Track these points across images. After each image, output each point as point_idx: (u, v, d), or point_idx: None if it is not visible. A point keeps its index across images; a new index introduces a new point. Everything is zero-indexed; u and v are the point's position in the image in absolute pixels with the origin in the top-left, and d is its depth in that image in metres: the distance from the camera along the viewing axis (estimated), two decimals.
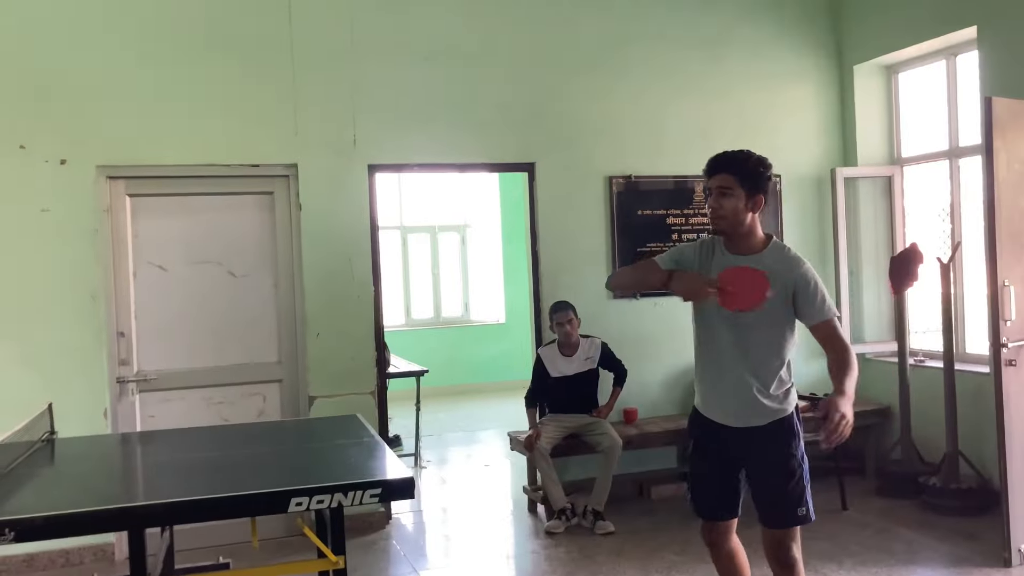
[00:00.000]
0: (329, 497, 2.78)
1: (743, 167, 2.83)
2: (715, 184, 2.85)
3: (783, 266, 2.85)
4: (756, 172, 2.84)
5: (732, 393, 2.90)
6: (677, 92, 5.69)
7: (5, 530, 2.53)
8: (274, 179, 4.95)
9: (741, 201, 2.81)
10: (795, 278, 2.83)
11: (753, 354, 2.87)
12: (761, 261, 2.85)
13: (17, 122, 4.46)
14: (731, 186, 2.81)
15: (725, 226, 2.85)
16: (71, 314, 4.52)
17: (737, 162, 2.85)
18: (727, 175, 2.82)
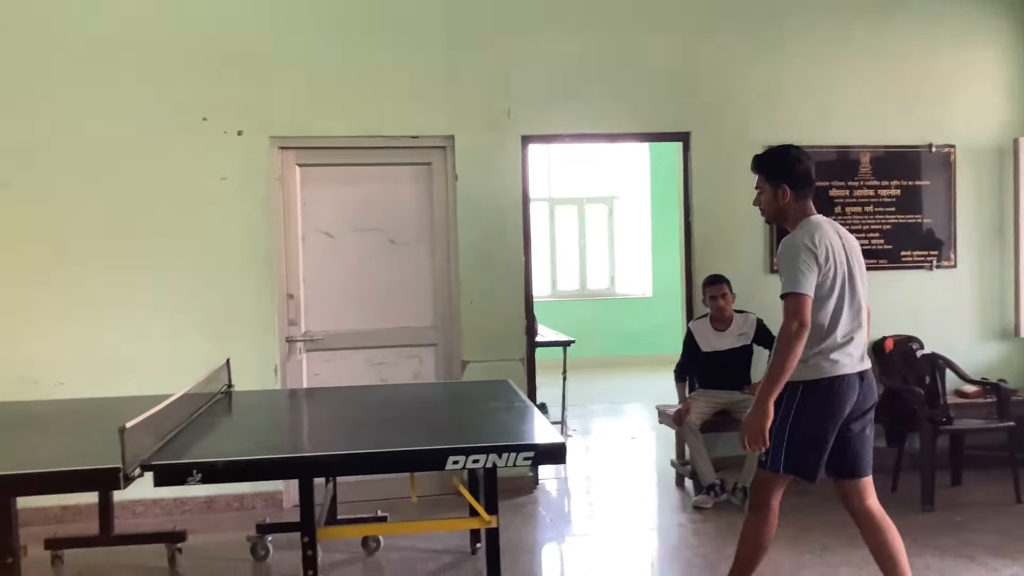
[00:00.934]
0: (484, 457, 2.87)
1: (762, 164, 3.18)
2: (757, 184, 3.20)
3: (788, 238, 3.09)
4: (772, 166, 3.13)
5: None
6: (843, 59, 5.42)
7: (193, 471, 2.76)
8: (432, 150, 5.10)
9: (768, 193, 3.12)
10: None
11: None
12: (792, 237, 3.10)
13: (200, 96, 4.78)
14: (760, 183, 3.16)
15: (767, 217, 3.25)
16: (247, 278, 4.83)
17: (758, 161, 3.20)
18: (756, 174, 3.18)
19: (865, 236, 5.48)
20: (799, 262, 2.93)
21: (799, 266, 2.92)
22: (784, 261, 2.97)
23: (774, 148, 3.26)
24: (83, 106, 4.69)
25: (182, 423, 3.33)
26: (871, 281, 5.35)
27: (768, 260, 5.37)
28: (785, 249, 3.00)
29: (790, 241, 3.00)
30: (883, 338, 5.37)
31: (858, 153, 5.46)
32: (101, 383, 4.60)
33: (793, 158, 3.11)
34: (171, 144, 4.76)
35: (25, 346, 4.65)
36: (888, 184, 5.51)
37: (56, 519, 4.67)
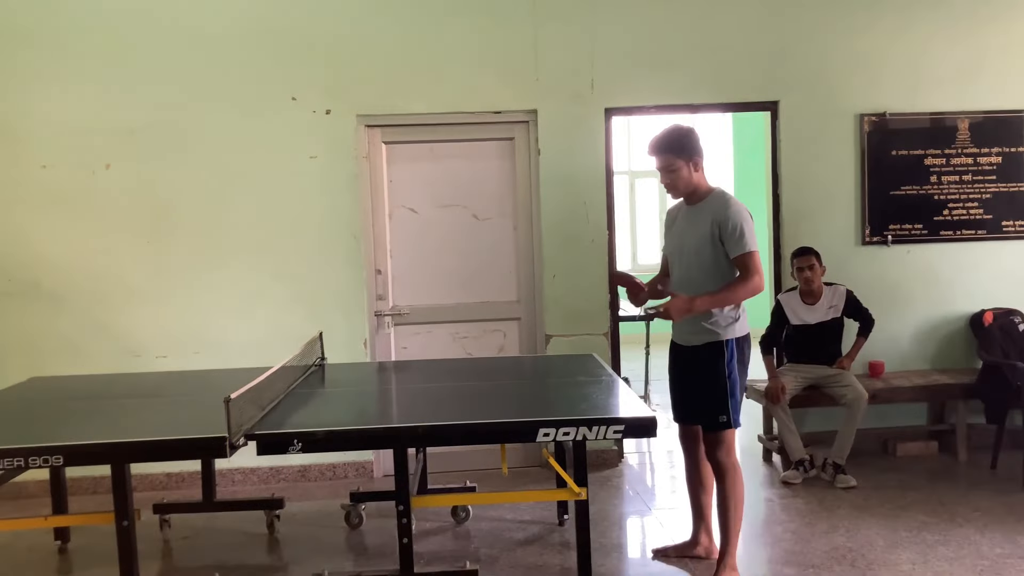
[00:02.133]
0: (574, 430, 2.90)
1: (671, 144, 3.34)
2: (659, 165, 3.38)
3: (714, 206, 3.36)
4: (683, 144, 3.33)
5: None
6: (938, 20, 5.19)
7: (294, 441, 2.86)
8: (514, 125, 5.10)
9: (684, 170, 3.35)
10: (717, 215, 3.31)
11: (696, 283, 3.36)
12: (700, 207, 3.41)
13: (289, 76, 4.89)
14: (670, 163, 3.34)
15: (679, 194, 3.44)
16: (336, 253, 4.95)
17: (666, 142, 3.35)
18: (664, 156, 3.34)
19: (963, 206, 5.28)
20: (751, 224, 3.32)
21: (752, 228, 3.31)
22: (742, 221, 3.28)
23: (673, 127, 3.39)
24: (179, 90, 4.84)
25: (280, 394, 3.46)
26: (970, 251, 5.30)
27: (860, 231, 5.23)
28: (740, 211, 3.31)
29: (739, 206, 3.33)
30: (982, 311, 5.18)
31: (955, 119, 5.25)
32: (200, 356, 4.81)
33: (695, 134, 3.36)
34: (263, 125, 4.89)
35: (128, 321, 4.87)
36: (988, 151, 5.28)
37: (162, 485, 4.91)
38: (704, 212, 3.37)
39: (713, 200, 3.38)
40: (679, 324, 3.42)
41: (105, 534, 3.12)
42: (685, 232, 3.43)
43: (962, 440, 5.06)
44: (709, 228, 3.32)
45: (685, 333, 3.47)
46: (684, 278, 3.42)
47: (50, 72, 4.79)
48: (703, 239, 3.34)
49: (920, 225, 5.27)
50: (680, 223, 3.47)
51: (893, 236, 5.25)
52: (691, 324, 3.37)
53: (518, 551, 3.87)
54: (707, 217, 3.34)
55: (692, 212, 3.43)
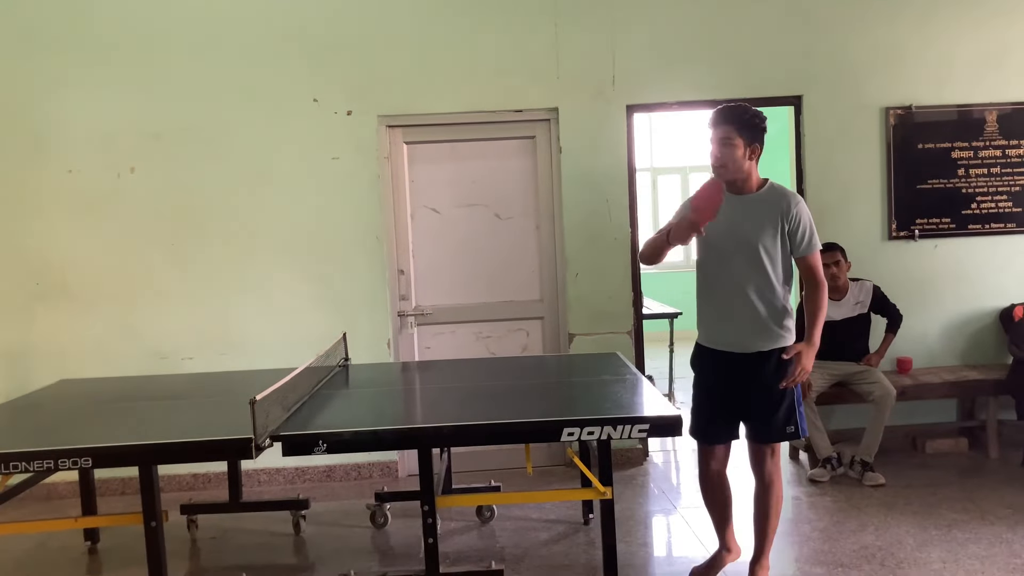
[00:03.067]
0: (599, 429, 2.89)
1: (742, 119, 3.07)
2: (717, 135, 3.09)
3: (775, 199, 3.14)
4: (753, 124, 3.08)
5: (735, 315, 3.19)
6: (965, 13, 5.12)
7: (319, 442, 2.88)
8: (536, 123, 5.09)
9: (741, 150, 3.07)
10: (783, 209, 3.11)
11: (746, 279, 3.15)
12: (757, 198, 3.16)
13: (311, 78, 4.91)
14: (730, 138, 3.07)
15: (725, 173, 3.10)
16: (359, 254, 4.96)
17: (736, 114, 3.08)
18: (727, 127, 3.07)
19: (992, 199, 5.20)
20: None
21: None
22: (810, 218, 3.15)
23: (747, 105, 3.16)
24: (202, 92, 4.88)
25: (304, 395, 3.47)
26: (1000, 245, 5.22)
27: (887, 226, 5.17)
28: (804, 212, 3.14)
29: (803, 205, 3.14)
30: (1012, 306, 5.11)
31: (983, 111, 5.17)
32: (225, 357, 4.84)
33: (764, 123, 3.13)
34: (285, 126, 4.91)
35: (154, 323, 4.91)
36: (1018, 144, 5.19)
37: (188, 486, 4.95)
38: (764, 204, 3.12)
39: (773, 192, 3.15)
40: (734, 328, 3.17)
41: (134, 535, 3.16)
42: (738, 223, 3.11)
43: (992, 437, 4.99)
44: (773, 221, 3.10)
45: (746, 338, 3.16)
46: (733, 272, 3.14)
47: (76, 78, 4.84)
48: (764, 232, 3.10)
49: (948, 219, 5.20)
50: (730, 212, 3.10)
51: (920, 231, 5.18)
52: (757, 328, 3.14)
53: (543, 550, 3.86)
54: (769, 209, 3.11)
55: (746, 203, 3.14)
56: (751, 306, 3.13)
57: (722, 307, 3.20)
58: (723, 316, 3.20)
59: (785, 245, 3.12)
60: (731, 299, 3.16)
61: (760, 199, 3.14)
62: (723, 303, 3.19)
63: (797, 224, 3.11)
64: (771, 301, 3.13)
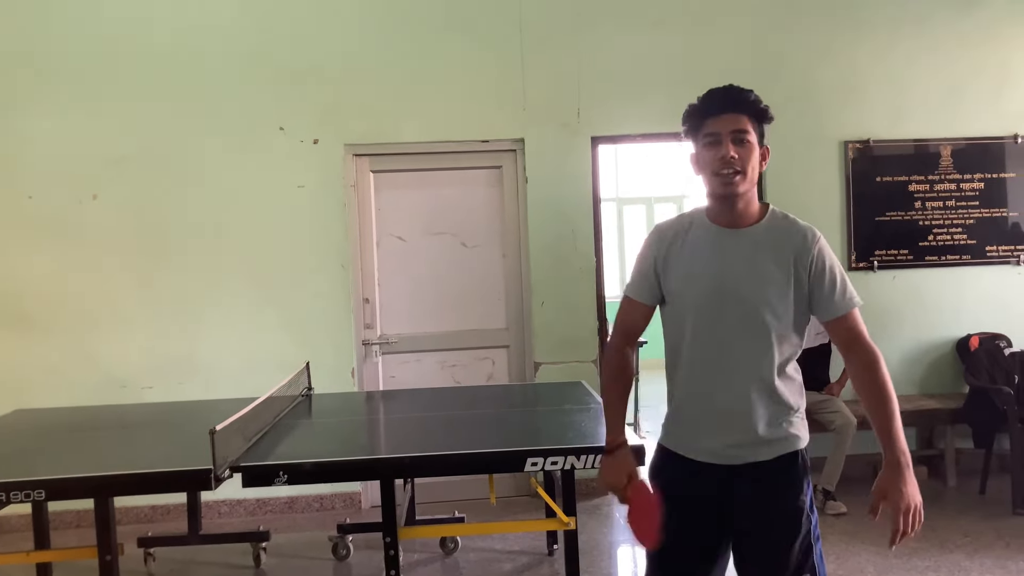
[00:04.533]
0: (563, 459, 2.89)
1: (757, 107, 2.13)
2: (728, 128, 2.09)
3: (791, 237, 2.10)
4: (767, 117, 2.16)
5: (723, 411, 2.12)
6: (921, 48, 5.27)
7: (280, 473, 2.84)
8: (502, 154, 5.13)
9: (757, 153, 2.12)
10: (807, 252, 2.08)
11: (752, 361, 2.09)
12: (758, 234, 2.11)
13: (277, 106, 4.90)
14: (748, 131, 2.10)
15: (738, 187, 2.07)
16: (324, 282, 4.94)
17: (750, 101, 2.14)
18: (742, 116, 2.11)
19: (947, 231, 5.32)
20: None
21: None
22: (840, 269, 2.13)
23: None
24: (167, 119, 4.85)
25: (266, 425, 3.43)
26: (956, 276, 5.34)
27: (847, 257, 5.25)
28: (832, 254, 2.14)
29: (827, 244, 2.14)
30: (968, 336, 5.21)
31: (938, 146, 5.30)
32: (186, 387, 4.78)
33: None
34: (250, 154, 4.89)
35: (113, 352, 4.84)
36: (971, 177, 5.33)
37: (146, 518, 4.85)
38: (769, 241, 2.10)
39: (781, 224, 2.13)
40: (722, 429, 2.12)
41: (89, 569, 3.08)
42: (729, 271, 2.10)
43: (951, 465, 5.07)
44: (783, 267, 2.08)
45: (741, 442, 2.11)
46: (721, 346, 2.10)
47: (38, 101, 4.80)
48: (770, 284, 2.07)
49: (906, 251, 5.31)
50: (717, 255, 2.12)
51: (879, 262, 5.28)
52: (757, 427, 2.09)
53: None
54: (777, 249, 2.09)
55: (743, 240, 2.11)
56: (749, 395, 2.09)
57: (702, 397, 2.15)
58: (703, 411, 2.15)
59: (800, 302, 2.09)
60: (717, 385, 2.12)
61: (763, 234, 2.11)
62: (704, 391, 2.14)
63: (822, 270, 2.08)
64: (777, 387, 2.10)
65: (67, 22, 4.81)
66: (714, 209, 2.16)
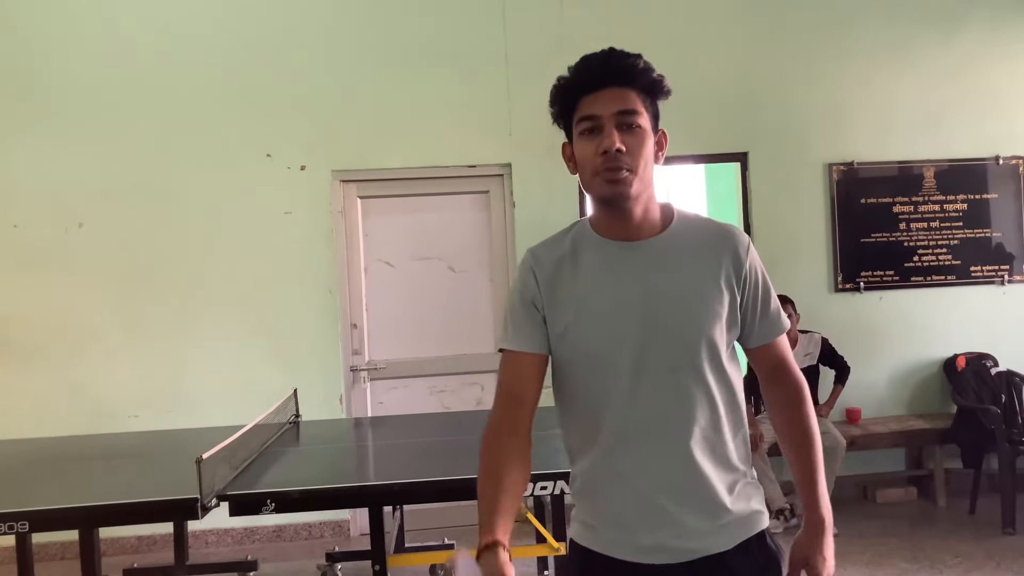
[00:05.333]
0: (552, 484, 2.87)
1: (648, 77, 1.64)
2: (611, 108, 1.57)
3: (718, 242, 1.62)
4: (661, 88, 1.66)
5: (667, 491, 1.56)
6: (904, 72, 5.34)
7: (267, 501, 2.81)
8: (490, 178, 5.15)
9: (651, 139, 1.61)
10: (740, 261, 1.61)
11: (694, 413, 1.56)
12: (672, 242, 1.61)
13: (264, 134, 4.92)
14: (638, 111, 1.59)
15: (629, 188, 1.55)
16: (311, 308, 4.93)
17: (639, 70, 1.63)
18: (629, 92, 1.60)
19: (932, 252, 5.36)
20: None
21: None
22: (770, 285, 1.68)
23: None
24: (154, 146, 4.86)
25: (253, 453, 3.40)
26: (941, 296, 5.38)
27: (833, 279, 5.28)
28: (761, 265, 1.67)
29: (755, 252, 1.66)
30: (955, 356, 5.23)
31: (921, 168, 5.36)
32: (173, 415, 4.74)
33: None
34: (238, 181, 4.90)
35: (99, 380, 4.80)
36: (954, 198, 5.39)
37: (132, 549, 4.79)
38: (689, 249, 1.61)
39: (697, 225, 1.66)
40: (665, 512, 1.56)
41: None
42: (647, 294, 1.57)
43: (940, 485, 5.07)
44: (717, 279, 1.59)
45: (706, 526, 1.57)
46: (667, 399, 1.56)
47: (23, 131, 4.80)
48: (709, 303, 1.58)
49: (891, 271, 5.34)
50: (618, 277, 1.59)
51: (865, 283, 5.31)
52: (702, 507, 1.57)
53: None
54: (703, 258, 1.60)
55: (648, 254, 1.60)
56: (696, 460, 1.56)
57: (631, 474, 1.57)
58: (636, 493, 1.57)
59: (734, 326, 1.61)
60: (652, 454, 1.56)
61: (679, 242, 1.61)
62: (633, 465, 1.57)
63: (756, 284, 1.64)
64: (728, 442, 1.61)
65: (53, 51, 4.82)
66: (603, 220, 1.63)
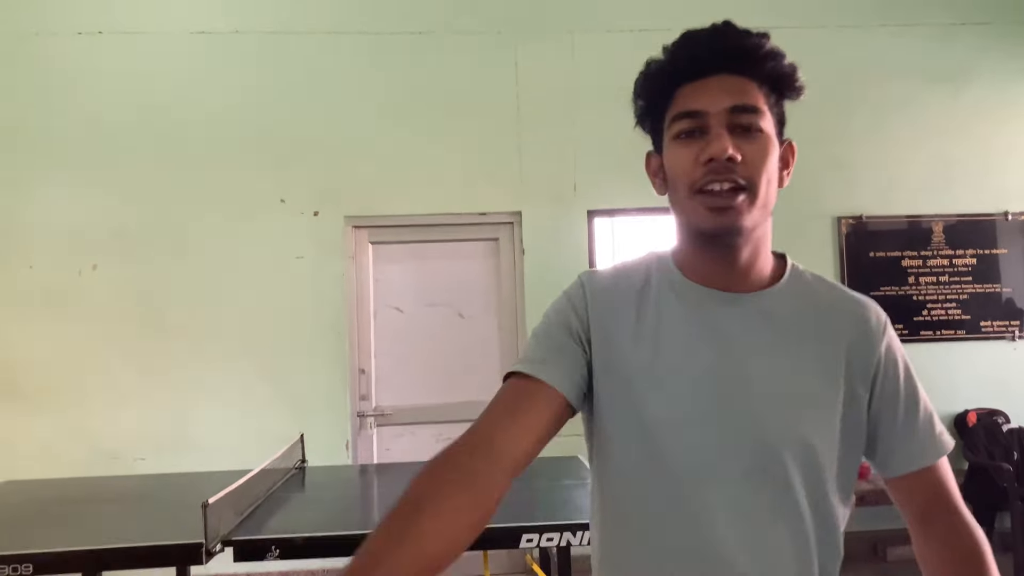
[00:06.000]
0: (558, 536, 2.84)
1: (775, 66, 1.21)
2: (723, 103, 1.16)
3: (840, 317, 1.22)
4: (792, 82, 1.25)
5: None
6: (911, 127, 5.39)
7: (273, 547, 2.80)
8: (499, 226, 5.19)
9: (774, 152, 1.21)
10: (871, 348, 1.20)
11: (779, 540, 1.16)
12: (779, 306, 1.21)
13: (279, 178, 4.98)
14: (760, 110, 1.19)
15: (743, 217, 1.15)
16: (320, 353, 4.94)
17: (764, 53, 1.19)
18: (750, 82, 1.19)
19: (942, 306, 5.35)
20: None
21: None
22: (920, 384, 1.29)
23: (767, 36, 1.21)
24: (169, 190, 4.92)
25: (259, 498, 3.38)
26: (952, 351, 5.35)
27: None
28: (905, 355, 1.28)
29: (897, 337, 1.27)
30: (966, 411, 5.19)
31: (930, 222, 5.38)
32: (180, 458, 4.72)
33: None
34: (251, 226, 4.95)
35: (106, 422, 4.81)
36: (963, 253, 5.40)
37: None
38: (799, 320, 1.21)
39: (816, 291, 1.26)
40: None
41: None
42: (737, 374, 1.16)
43: None
44: (833, 372, 1.19)
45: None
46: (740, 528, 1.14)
47: (43, 173, 4.87)
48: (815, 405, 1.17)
49: (901, 325, 5.33)
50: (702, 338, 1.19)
51: None
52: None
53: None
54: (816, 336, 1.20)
55: (748, 314, 1.20)
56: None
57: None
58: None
59: (854, 436, 1.22)
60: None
61: (792, 304, 1.23)
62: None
63: (896, 382, 1.22)
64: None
65: (70, 98, 4.92)
66: (694, 257, 1.22)
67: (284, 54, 5.05)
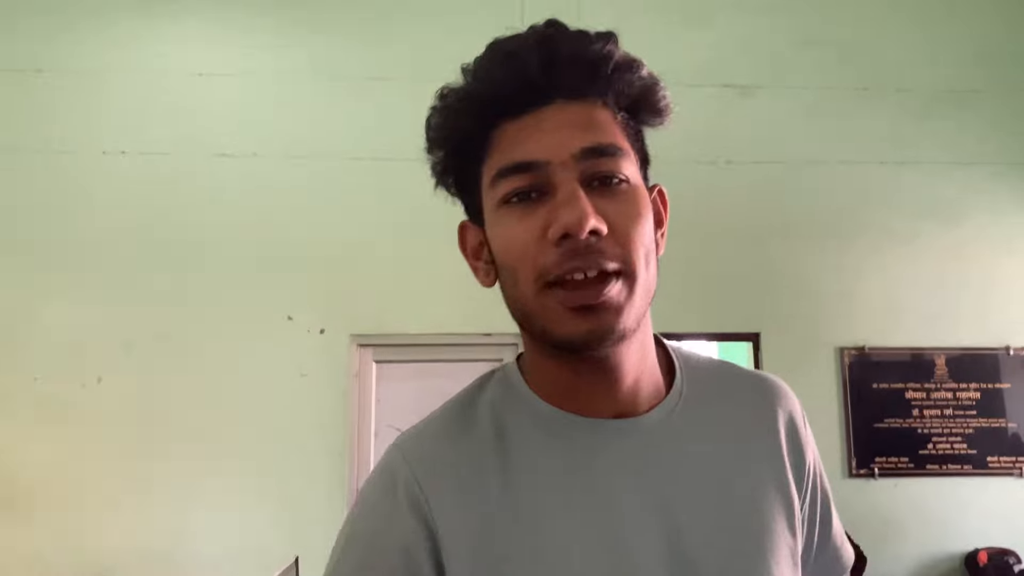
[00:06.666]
0: None
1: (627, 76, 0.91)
2: (569, 146, 0.89)
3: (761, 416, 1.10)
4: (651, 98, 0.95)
5: None
6: (910, 261, 5.47)
7: None
8: (503, 347, 5.22)
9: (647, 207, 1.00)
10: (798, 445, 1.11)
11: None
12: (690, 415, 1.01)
13: (286, 296, 5.06)
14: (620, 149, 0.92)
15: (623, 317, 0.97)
16: (319, 472, 4.89)
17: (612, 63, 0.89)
18: (597, 107, 0.91)
19: (947, 440, 5.31)
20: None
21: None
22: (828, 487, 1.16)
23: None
24: (176, 305, 4.98)
25: None
26: (959, 486, 5.26)
27: (847, 463, 5.21)
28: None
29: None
30: (976, 550, 5.07)
31: (932, 355, 5.39)
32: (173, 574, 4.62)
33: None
34: (258, 341, 4.99)
35: (99, 538, 4.71)
36: (967, 387, 5.39)
37: None
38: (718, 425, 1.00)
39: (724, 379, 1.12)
40: None
41: None
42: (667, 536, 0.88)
43: None
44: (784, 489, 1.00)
45: None
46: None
47: (51, 285, 4.95)
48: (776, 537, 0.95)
49: (906, 458, 5.27)
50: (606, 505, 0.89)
51: (880, 469, 5.23)
52: None
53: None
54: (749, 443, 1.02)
55: (653, 440, 0.94)
56: None
57: None
58: None
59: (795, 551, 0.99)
60: None
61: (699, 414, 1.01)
62: None
63: (817, 484, 1.12)
64: None
65: (84, 212, 5.05)
66: (558, 376, 0.99)
67: (292, 170, 5.18)
